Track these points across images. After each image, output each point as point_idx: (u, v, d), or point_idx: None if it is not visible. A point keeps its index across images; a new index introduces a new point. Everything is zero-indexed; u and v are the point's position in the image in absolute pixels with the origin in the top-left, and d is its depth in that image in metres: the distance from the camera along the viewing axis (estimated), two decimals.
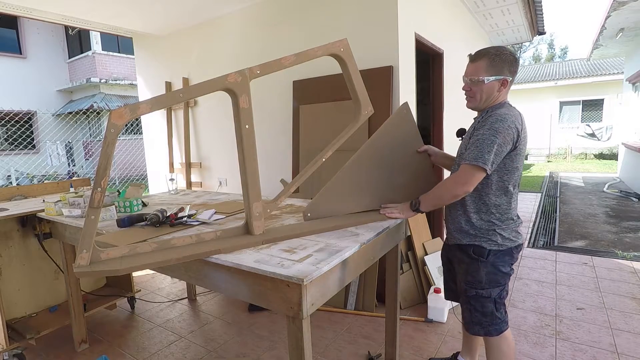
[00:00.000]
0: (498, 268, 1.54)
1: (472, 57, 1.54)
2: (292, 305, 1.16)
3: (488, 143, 1.42)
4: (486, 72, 1.48)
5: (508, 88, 1.52)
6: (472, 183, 1.47)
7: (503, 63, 1.48)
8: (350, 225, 1.64)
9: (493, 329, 1.57)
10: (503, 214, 1.53)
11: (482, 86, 1.49)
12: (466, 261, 1.60)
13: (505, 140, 1.41)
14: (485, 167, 1.42)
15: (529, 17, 5.09)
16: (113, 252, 1.32)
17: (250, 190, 1.46)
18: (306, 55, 1.56)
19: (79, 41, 12.45)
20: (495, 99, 1.53)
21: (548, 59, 30.71)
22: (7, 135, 11.41)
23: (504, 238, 1.53)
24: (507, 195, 1.53)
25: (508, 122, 1.42)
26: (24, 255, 2.54)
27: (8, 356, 2.23)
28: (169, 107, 4.35)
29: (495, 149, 1.41)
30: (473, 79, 1.51)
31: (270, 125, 3.49)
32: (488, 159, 1.41)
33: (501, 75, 1.48)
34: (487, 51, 1.50)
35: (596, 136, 13.48)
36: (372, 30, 2.81)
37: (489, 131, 1.43)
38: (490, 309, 1.56)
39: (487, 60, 1.48)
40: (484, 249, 1.54)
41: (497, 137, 1.41)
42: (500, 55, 1.48)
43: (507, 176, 1.51)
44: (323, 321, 2.65)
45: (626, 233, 4.59)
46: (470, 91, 1.54)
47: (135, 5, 3.47)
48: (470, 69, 1.53)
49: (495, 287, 1.55)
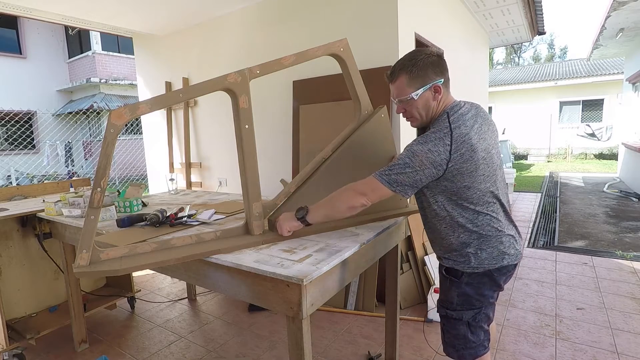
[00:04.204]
0: (474, 290, 1.37)
1: (389, 77, 1.38)
2: (292, 305, 1.16)
3: (401, 164, 1.27)
4: (410, 87, 1.32)
5: (444, 91, 1.34)
6: (372, 197, 1.32)
7: (424, 69, 1.30)
8: (350, 226, 1.64)
9: (467, 352, 1.42)
10: (472, 231, 1.33)
11: (414, 103, 1.33)
12: (440, 278, 1.46)
13: (423, 165, 1.24)
14: (391, 187, 1.28)
15: (529, 17, 5.09)
16: (113, 252, 1.32)
17: (250, 190, 1.46)
18: (306, 55, 1.56)
19: (79, 41, 12.46)
20: (435, 109, 1.35)
21: (548, 59, 30.73)
22: (7, 135, 11.42)
23: (479, 259, 1.33)
24: (468, 213, 1.32)
25: (429, 145, 1.24)
26: (24, 255, 2.54)
27: (8, 356, 2.23)
28: (169, 107, 4.35)
29: (408, 172, 1.25)
30: (402, 100, 1.35)
31: (270, 125, 3.49)
32: (395, 180, 1.27)
33: (428, 83, 1.31)
34: (402, 65, 1.34)
35: (596, 136, 13.48)
36: (372, 30, 2.81)
37: (406, 152, 1.28)
38: (462, 332, 1.41)
39: (405, 75, 1.32)
40: (457, 270, 1.38)
41: (413, 159, 1.25)
42: (416, 64, 1.30)
43: (457, 195, 1.31)
44: (323, 321, 2.65)
45: (626, 233, 4.59)
46: (406, 112, 1.39)
47: (135, 5, 3.47)
48: (394, 91, 1.37)
49: (469, 310, 1.39)
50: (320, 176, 1.62)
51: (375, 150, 1.77)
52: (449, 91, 1.38)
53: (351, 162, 1.69)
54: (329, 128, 2.95)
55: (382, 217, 1.74)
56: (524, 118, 13.90)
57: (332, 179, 1.64)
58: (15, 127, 11.02)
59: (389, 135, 1.83)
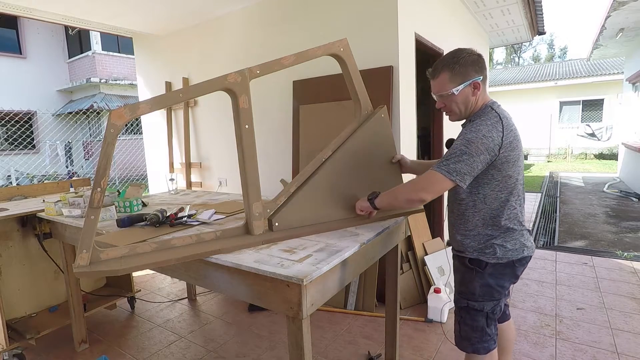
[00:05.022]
0: (495, 281, 1.44)
1: (431, 73, 1.46)
2: (292, 306, 1.16)
3: (458, 153, 1.32)
4: (452, 83, 1.40)
5: (483, 88, 1.43)
6: (431, 191, 1.38)
7: (465, 67, 1.39)
8: (350, 226, 1.64)
9: (482, 346, 1.46)
10: (502, 225, 1.42)
11: (454, 98, 1.41)
12: (462, 270, 1.53)
13: (479, 150, 1.30)
14: (450, 177, 1.33)
15: (529, 17, 5.08)
16: (113, 252, 1.32)
17: (250, 190, 1.46)
18: (306, 55, 1.56)
19: (79, 41, 12.46)
20: (475, 104, 1.43)
21: (547, 59, 30.72)
22: (7, 135, 11.41)
23: (505, 250, 1.42)
24: (505, 206, 1.41)
25: (483, 132, 1.32)
26: (24, 255, 2.54)
27: (8, 356, 2.23)
28: (169, 107, 4.35)
29: (465, 160, 1.31)
30: (443, 95, 1.43)
31: (270, 125, 3.49)
32: (454, 169, 1.32)
33: (468, 79, 1.39)
34: (444, 62, 1.42)
35: (596, 136, 13.48)
36: (372, 30, 2.81)
37: (461, 141, 1.34)
38: (481, 323, 1.46)
39: (447, 72, 1.40)
40: (481, 261, 1.44)
41: (469, 147, 1.31)
42: (458, 61, 1.39)
43: (500, 186, 1.39)
44: (323, 321, 2.65)
45: (626, 233, 4.59)
46: (445, 107, 1.46)
47: (135, 5, 3.47)
48: (435, 86, 1.45)
49: (489, 301, 1.45)
50: (321, 176, 1.62)
51: (376, 151, 1.77)
52: (486, 89, 1.47)
53: (351, 162, 1.69)
54: (329, 128, 2.95)
55: (382, 217, 1.74)
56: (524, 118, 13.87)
57: (332, 179, 1.64)
58: (15, 127, 11.02)
59: (389, 135, 1.83)
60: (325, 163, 1.64)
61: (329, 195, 1.64)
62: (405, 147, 2.91)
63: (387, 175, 1.81)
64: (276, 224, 1.53)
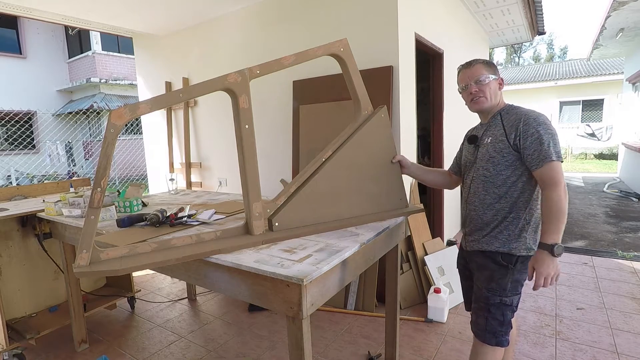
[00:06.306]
0: (520, 275, 1.51)
1: (467, 64, 1.60)
2: (292, 305, 1.16)
3: (551, 140, 1.40)
4: (487, 72, 1.55)
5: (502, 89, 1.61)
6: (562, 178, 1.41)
7: (494, 66, 1.58)
8: (350, 226, 1.64)
9: (504, 339, 1.52)
10: (533, 217, 1.48)
11: (488, 84, 1.54)
12: (491, 267, 1.53)
13: (555, 132, 1.43)
14: (560, 160, 1.40)
15: (529, 17, 5.09)
16: (113, 252, 1.32)
17: (250, 190, 1.46)
18: (306, 55, 1.56)
19: (79, 41, 12.45)
20: (498, 99, 1.58)
21: (547, 59, 30.72)
22: (7, 135, 11.41)
23: (534, 240, 1.48)
24: (538, 201, 1.49)
25: (542, 117, 1.45)
26: (24, 255, 2.54)
27: (8, 356, 2.23)
28: (169, 107, 4.35)
29: (557, 141, 1.42)
30: (478, 80, 1.54)
31: (270, 125, 3.49)
32: (558, 152, 1.40)
33: (497, 75, 1.57)
34: (477, 59, 1.60)
35: (596, 136, 13.47)
36: (372, 30, 2.81)
37: (542, 130, 1.40)
38: (509, 317, 1.52)
39: (482, 63, 1.56)
40: (512, 256, 1.48)
41: (552, 129, 1.42)
42: (488, 61, 1.60)
43: None
44: (323, 321, 2.65)
45: (626, 233, 4.59)
46: (479, 91, 1.56)
47: (135, 5, 3.47)
48: (472, 72, 1.57)
49: (516, 295, 1.52)
50: (321, 176, 1.62)
51: (376, 150, 1.77)
52: None
53: (351, 162, 1.69)
54: (329, 128, 2.95)
55: (382, 217, 1.74)
56: None
57: (332, 179, 1.64)
58: (15, 127, 11.02)
59: (389, 135, 1.82)
60: (325, 163, 1.64)
61: (329, 195, 1.64)
62: (405, 147, 2.91)
63: (387, 176, 1.81)
64: (276, 224, 1.53)
